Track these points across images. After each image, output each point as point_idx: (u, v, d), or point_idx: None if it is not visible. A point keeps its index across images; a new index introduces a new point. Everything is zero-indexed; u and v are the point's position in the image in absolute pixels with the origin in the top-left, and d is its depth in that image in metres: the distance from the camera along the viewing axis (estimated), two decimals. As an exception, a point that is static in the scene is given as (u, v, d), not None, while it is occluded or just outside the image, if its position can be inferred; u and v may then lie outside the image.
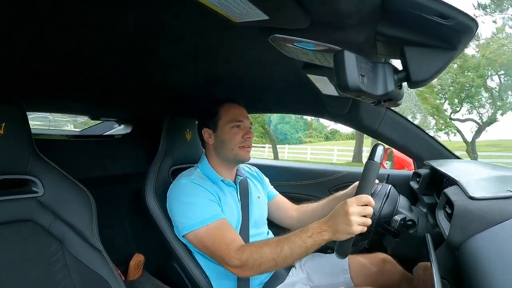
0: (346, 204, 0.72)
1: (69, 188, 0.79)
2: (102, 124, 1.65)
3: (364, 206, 0.72)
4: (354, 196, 0.75)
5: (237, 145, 0.99)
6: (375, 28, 0.51)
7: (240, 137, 0.99)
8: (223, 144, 1.00)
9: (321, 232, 0.75)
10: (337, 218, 0.73)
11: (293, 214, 1.16)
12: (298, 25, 0.50)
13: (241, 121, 1.00)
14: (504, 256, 0.46)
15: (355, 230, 0.70)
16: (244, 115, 1.03)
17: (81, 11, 0.53)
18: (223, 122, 1.00)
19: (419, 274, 0.76)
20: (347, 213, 0.70)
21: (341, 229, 0.71)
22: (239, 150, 0.99)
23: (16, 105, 0.71)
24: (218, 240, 0.84)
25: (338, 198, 1.06)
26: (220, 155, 1.02)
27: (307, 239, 0.75)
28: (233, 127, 0.99)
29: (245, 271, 0.81)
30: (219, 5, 0.44)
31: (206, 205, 0.89)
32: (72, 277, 0.72)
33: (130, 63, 0.83)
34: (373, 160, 0.76)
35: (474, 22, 0.45)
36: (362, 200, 0.72)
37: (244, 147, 1.00)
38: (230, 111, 1.01)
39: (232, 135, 0.99)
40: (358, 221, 0.70)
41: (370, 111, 1.15)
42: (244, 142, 1.00)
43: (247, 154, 1.01)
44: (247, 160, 1.03)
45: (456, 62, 9.42)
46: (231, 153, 1.00)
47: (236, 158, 1.01)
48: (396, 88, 0.53)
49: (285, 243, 0.78)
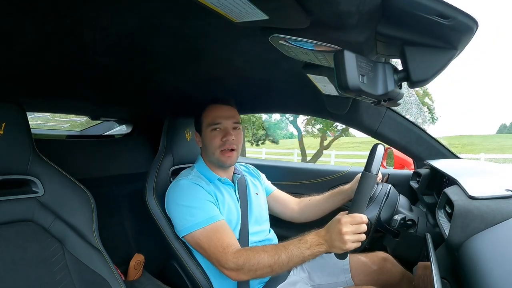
0: (340, 223, 0.73)
1: (69, 188, 0.79)
2: (102, 124, 1.65)
3: (358, 225, 0.73)
4: (349, 208, 0.75)
5: (217, 149, 0.96)
6: (375, 28, 0.51)
7: (219, 140, 0.96)
8: (206, 148, 0.99)
9: (319, 245, 0.77)
10: (332, 235, 0.74)
11: (294, 207, 1.16)
12: (298, 25, 0.50)
13: (219, 123, 0.96)
14: (504, 256, 0.46)
15: (349, 247, 0.73)
16: (224, 115, 0.98)
17: (81, 11, 0.53)
18: (205, 125, 0.99)
19: (419, 273, 0.76)
20: (341, 232, 0.72)
21: (336, 246, 0.74)
22: (220, 155, 0.96)
23: (16, 105, 0.71)
24: (214, 242, 0.85)
25: (341, 193, 1.07)
26: (208, 159, 1.02)
27: (305, 250, 0.77)
28: (212, 130, 0.97)
29: (240, 275, 0.81)
30: (219, 5, 0.44)
31: (203, 207, 0.89)
32: (72, 277, 0.72)
33: (130, 63, 0.83)
34: (369, 172, 0.74)
35: (474, 21, 0.45)
36: (356, 220, 0.73)
37: (224, 150, 0.96)
38: (210, 113, 0.98)
39: (211, 139, 0.96)
40: (352, 239, 0.72)
41: (370, 111, 1.15)
42: (223, 145, 0.96)
43: (228, 159, 0.97)
44: (230, 165, 1.00)
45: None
46: (213, 157, 0.98)
47: (218, 163, 0.98)
48: (396, 87, 0.53)
49: (283, 252, 0.78)
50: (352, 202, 0.77)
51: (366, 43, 0.56)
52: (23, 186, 0.73)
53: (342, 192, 1.07)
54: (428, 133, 1.21)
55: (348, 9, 0.44)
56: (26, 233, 0.69)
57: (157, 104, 1.34)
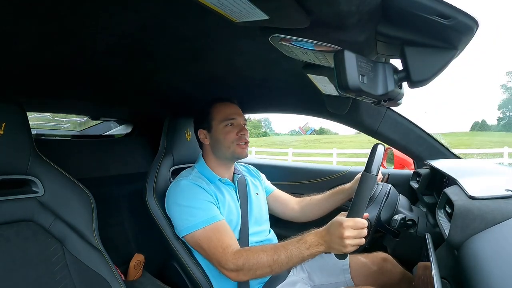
0: (342, 227, 0.73)
1: (69, 188, 0.79)
2: (102, 124, 1.65)
3: (360, 230, 0.73)
4: (349, 209, 0.75)
5: (234, 143, 1.00)
6: (375, 28, 0.51)
7: (234, 135, 1.00)
8: (219, 143, 1.01)
9: (318, 245, 0.77)
10: (333, 237, 0.74)
11: (295, 207, 1.16)
12: (298, 25, 0.50)
13: (234, 118, 1.01)
14: (504, 256, 0.46)
15: (349, 251, 0.73)
16: (236, 112, 1.03)
17: (82, 11, 0.53)
18: (217, 121, 1.01)
19: (419, 274, 0.76)
20: (342, 236, 0.72)
21: (336, 248, 0.74)
22: (236, 148, 1.00)
23: (16, 105, 0.71)
24: (214, 243, 0.85)
25: (342, 192, 1.07)
26: (217, 154, 1.03)
27: (305, 250, 0.77)
28: (227, 126, 1.00)
29: (240, 276, 0.82)
30: (219, 5, 0.44)
31: (203, 207, 0.90)
32: (72, 277, 0.72)
33: (131, 63, 0.83)
34: (369, 172, 0.74)
35: (475, 21, 0.45)
36: (358, 225, 0.73)
37: (240, 144, 1.01)
38: (222, 110, 1.02)
39: (226, 134, 1.00)
40: (352, 243, 0.73)
41: (370, 111, 1.15)
42: (239, 139, 1.00)
43: (244, 151, 1.02)
44: (244, 157, 1.04)
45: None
46: (228, 151, 1.00)
47: (233, 156, 1.02)
48: (396, 87, 0.53)
49: (282, 251, 0.78)
50: (351, 203, 0.76)
51: (366, 43, 0.56)
52: (23, 186, 0.73)
53: (342, 191, 1.07)
54: (428, 133, 1.21)
55: (348, 9, 0.44)
56: (26, 233, 0.69)
57: (157, 104, 1.34)
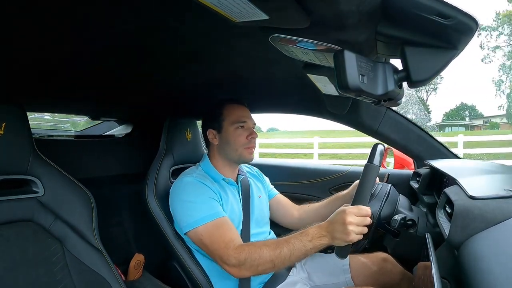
0: (346, 213, 0.73)
1: (69, 188, 0.79)
2: (102, 124, 1.65)
3: (363, 217, 0.73)
4: (353, 200, 0.75)
5: (242, 146, 1.00)
6: (375, 28, 0.51)
7: (244, 138, 1.00)
8: (228, 145, 1.01)
9: (321, 237, 0.76)
10: (336, 226, 0.74)
11: (294, 214, 1.16)
12: (298, 25, 0.50)
13: (245, 121, 1.01)
14: (504, 256, 0.46)
15: (352, 239, 0.72)
16: (247, 115, 1.04)
17: (82, 11, 0.53)
18: (228, 123, 1.01)
19: (419, 273, 0.76)
20: (346, 223, 0.72)
21: (339, 237, 0.73)
22: (244, 151, 1.00)
23: (16, 105, 0.71)
24: (217, 238, 0.84)
25: (340, 198, 1.07)
26: (224, 155, 1.03)
27: (307, 243, 0.76)
28: (238, 128, 1.00)
29: (242, 271, 0.81)
30: (219, 5, 0.44)
31: (207, 204, 0.90)
32: (72, 277, 0.73)
33: (131, 63, 0.83)
34: (372, 163, 0.76)
35: (475, 21, 0.45)
36: (361, 212, 0.73)
37: (248, 148, 1.01)
38: (234, 112, 1.02)
39: (236, 136, 1.00)
40: (356, 231, 0.72)
41: (370, 111, 1.15)
42: (249, 143, 1.01)
43: (251, 155, 1.02)
44: (250, 161, 1.04)
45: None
46: (235, 153, 1.01)
47: (240, 159, 1.02)
48: (396, 87, 0.53)
49: (285, 245, 0.78)
50: (355, 193, 0.77)
51: (366, 43, 0.56)
52: (23, 186, 0.73)
53: (340, 198, 1.07)
54: (428, 133, 1.21)
55: (348, 9, 0.44)
56: (26, 233, 0.69)
57: (157, 104, 1.34)
